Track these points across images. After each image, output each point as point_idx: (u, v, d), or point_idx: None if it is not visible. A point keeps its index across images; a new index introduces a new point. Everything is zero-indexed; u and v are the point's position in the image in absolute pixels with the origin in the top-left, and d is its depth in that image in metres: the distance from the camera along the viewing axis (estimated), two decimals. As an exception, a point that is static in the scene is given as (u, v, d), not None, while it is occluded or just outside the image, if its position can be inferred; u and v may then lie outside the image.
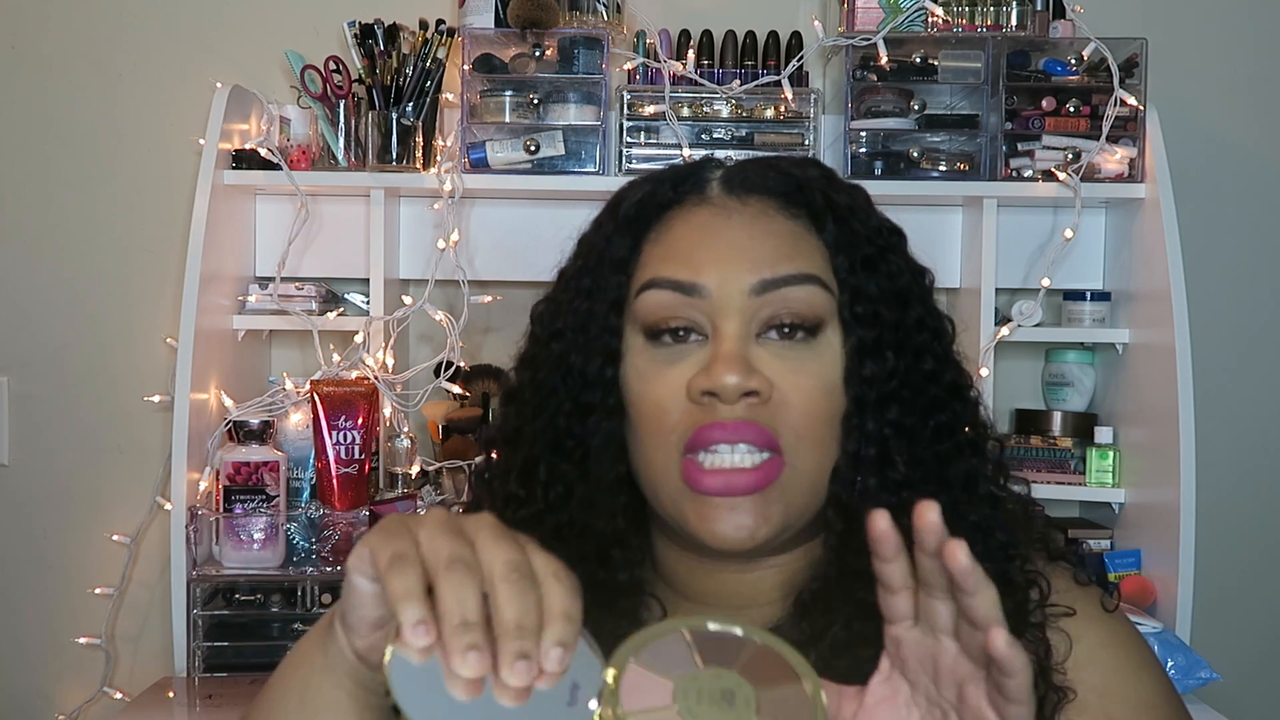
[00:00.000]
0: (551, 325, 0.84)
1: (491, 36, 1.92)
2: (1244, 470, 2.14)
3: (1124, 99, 1.88)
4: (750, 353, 0.77)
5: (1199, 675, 1.68)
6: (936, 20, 1.90)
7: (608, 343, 0.81)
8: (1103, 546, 1.97)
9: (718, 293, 0.78)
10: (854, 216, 0.83)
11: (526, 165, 1.90)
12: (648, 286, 0.80)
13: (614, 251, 0.82)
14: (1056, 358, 2.09)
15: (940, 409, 0.81)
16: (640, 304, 0.80)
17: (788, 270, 0.79)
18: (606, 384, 0.81)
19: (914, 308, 0.82)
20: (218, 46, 2.08)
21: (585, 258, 0.85)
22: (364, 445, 1.81)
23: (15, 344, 2.10)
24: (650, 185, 0.85)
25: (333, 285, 2.02)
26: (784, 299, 0.78)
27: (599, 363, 0.81)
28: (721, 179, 0.84)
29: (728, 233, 0.81)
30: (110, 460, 2.08)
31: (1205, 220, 2.10)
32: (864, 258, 0.81)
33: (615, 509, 0.81)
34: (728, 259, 0.79)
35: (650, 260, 0.82)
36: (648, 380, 0.79)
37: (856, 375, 0.79)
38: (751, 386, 0.75)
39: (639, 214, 0.83)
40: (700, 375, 0.77)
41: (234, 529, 1.75)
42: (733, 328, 0.78)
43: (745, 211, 0.82)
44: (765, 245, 0.80)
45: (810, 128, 1.92)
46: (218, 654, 1.74)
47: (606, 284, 0.82)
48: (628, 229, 0.83)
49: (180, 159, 2.05)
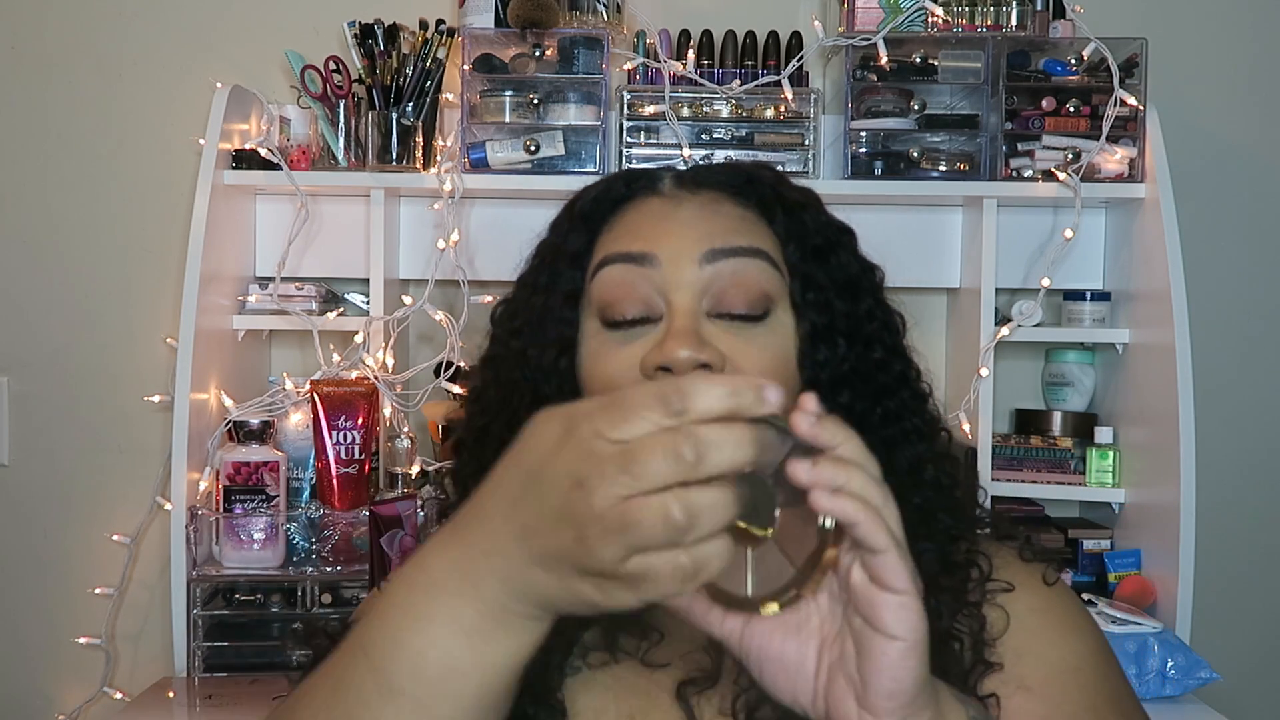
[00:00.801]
0: (510, 324, 0.87)
1: (491, 36, 1.92)
2: (1244, 470, 2.14)
3: (1124, 99, 1.88)
4: (702, 328, 0.79)
5: (1199, 675, 1.68)
6: (936, 20, 1.90)
7: (562, 332, 0.83)
8: (1103, 546, 1.97)
9: (668, 263, 0.80)
10: (804, 211, 0.85)
11: (526, 165, 1.90)
12: (601, 265, 0.82)
13: (569, 246, 0.85)
14: (1056, 358, 2.09)
15: (888, 396, 0.84)
16: (595, 285, 0.82)
17: (737, 243, 0.81)
18: (561, 373, 0.83)
19: (864, 299, 0.85)
20: (218, 46, 2.08)
21: (541, 255, 0.88)
22: (364, 445, 1.81)
23: (15, 344, 2.10)
24: (605, 184, 0.88)
25: (333, 285, 2.02)
26: (734, 271, 0.80)
27: (554, 353, 0.83)
28: (674, 176, 0.87)
29: (679, 213, 0.83)
30: (110, 460, 2.08)
31: (1205, 220, 2.10)
32: (814, 247, 0.84)
33: None
34: (677, 232, 0.81)
35: (603, 245, 0.84)
36: (600, 360, 0.81)
37: (810, 359, 0.82)
38: (703, 359, 0.77)
39: (594, 209, 0.86)
40: (654, 351, 0.78)
41: (234, 529, 1.75)
42: (684, 301, 0.79)
43: (696, 198, 0.85)
44: (715, 222, 0.82)
45: (810, 128, 1.92)
46: (218, 654, 1.74)
47: (561, 277, 0.84)
48: (583, 224, 0.85)
49: (180, 159, 2.05)
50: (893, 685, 0.59)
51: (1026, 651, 0.81)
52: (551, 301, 0.84)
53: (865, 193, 1.92)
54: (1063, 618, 0.84)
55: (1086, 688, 0.80)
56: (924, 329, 2.13)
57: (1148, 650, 1.69)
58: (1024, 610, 0.83)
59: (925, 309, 2.12)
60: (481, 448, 0.86)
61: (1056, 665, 0.81)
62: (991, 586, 0.83)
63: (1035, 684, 0.80)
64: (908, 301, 0.92)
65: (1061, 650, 0.82)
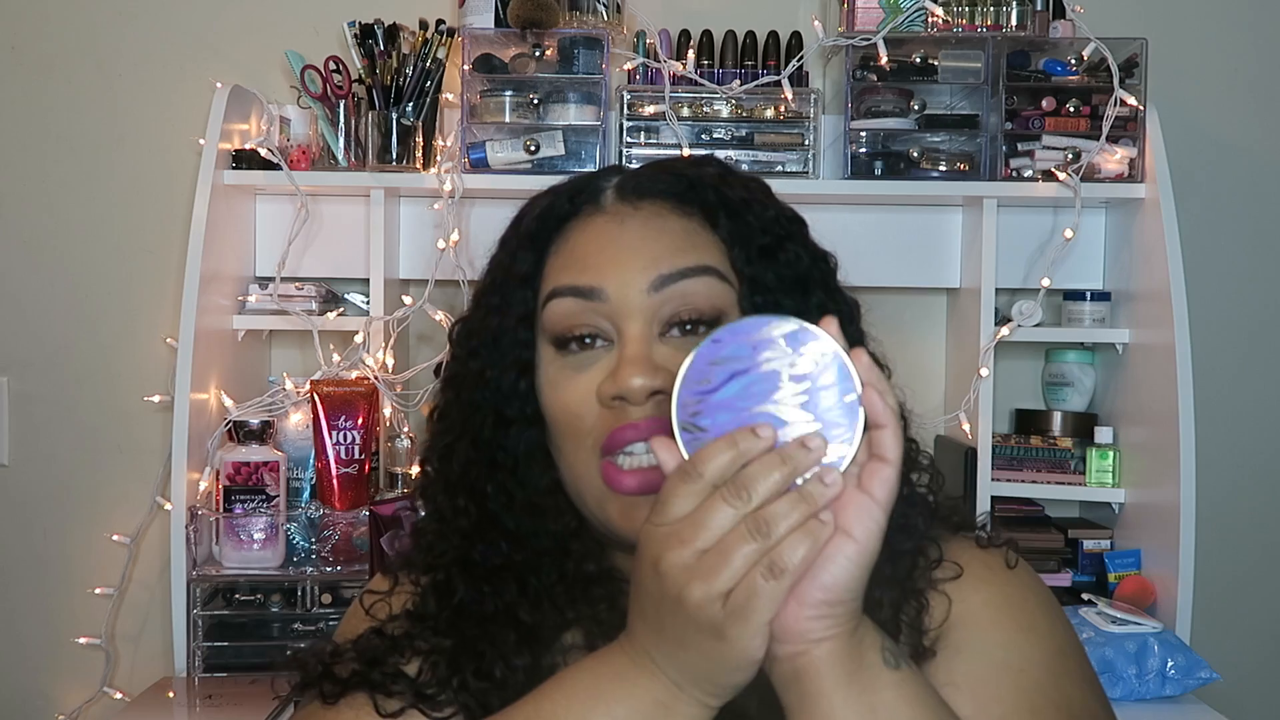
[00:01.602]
0: (468, 343, 0.87)
1: (491, 36, 1.92)
2: (1244, 470, 2.14)
3: (1124, 99, 1.88)
4: (654, 352, 0.79)
5: (1199, 675, 1.68)
6: (936, 20, 1.90)
7: (519, 355, 0.83)
8: (1103, 546, 1.97)
9: (617, 295, 0.80)
10: (748, 210, 0.85)
11: (526, 165, 1.90)
12: (551, 296, 0.82)
13: (518, 267, 0.85)
14: (1056, 358, 2.09)
15: None
16: (547, 315, 0.82)
17: (683, 264, 0.81)
18: (522, 395, 0.83)
19: (815, 293, 0.84)
20: (218, 46, 2.08)
21: (494, 274, 0.88)
22: (364, 445, 1.81)
23: (15, 344, 2.10)
24: (549, 199, 0.87)
25: (333, 285, 2.02)
26: (682, 293, 0.80)
27: (513, 375, 0.83)
28: (615, 186, 0.87)
29: (623, 238, 0.83)
30: (110, 460, 2.08)
31: (1205, 220, 2.10)
32: (760, 248, 0.83)
33: (560, 507, 0.84)
34: (624, 261, 0.81)
35: (552, 271, 0.84)
36: (559, 389, 0.81)
37: None
38: (657, 385, 0.77)
39: (539, 228, 0.86)
40: (607, 381, 0.79)
41: (234, 529, 1.75)
42: (635, 329, 0.80)
43: (638, 215, 0.84)
44: (659, 243, 0.82)
45: (810, 128, 1.92)
46: (218, 654, 1.74)
47: (513, 298, 0.84)
48: (530, 243, 0.85)
49: (180, 159, 2.05)
50: (830, 580, 0.63)
51: (965, 646, 0.80)
52: (506, 323, 0.84)
53: (865, 193, 1.92)
54: (1017, 615, 0.82)
55: (1027, 690, 0.78)
56: (924, 329, 2.13)
57: (1148, 650, 1.69)
58: (978, 603, 0.82)
59: (925, 309, 2.12)
60: (448, 465, 0.86)
61: (997, 663, 0.79)
62: (939, 574, 0.82)
63: (964, 682, 0.78)
64: (908, 301, 0.91)
65: (1006, 650, 0.79)
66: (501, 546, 0.83)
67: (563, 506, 0.84)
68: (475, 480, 0.84)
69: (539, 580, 0.82)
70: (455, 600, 0.83)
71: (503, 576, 0.83)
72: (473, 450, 0.85)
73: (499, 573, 0.83)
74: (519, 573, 0.83)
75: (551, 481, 0.84)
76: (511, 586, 0.82)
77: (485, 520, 0.84)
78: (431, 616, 0.84)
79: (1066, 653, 0.82)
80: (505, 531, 0.83)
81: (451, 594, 0.84)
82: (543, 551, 0.83)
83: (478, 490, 0.84)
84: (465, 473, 0.85)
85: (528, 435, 0.83)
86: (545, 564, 0.82)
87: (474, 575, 0.83)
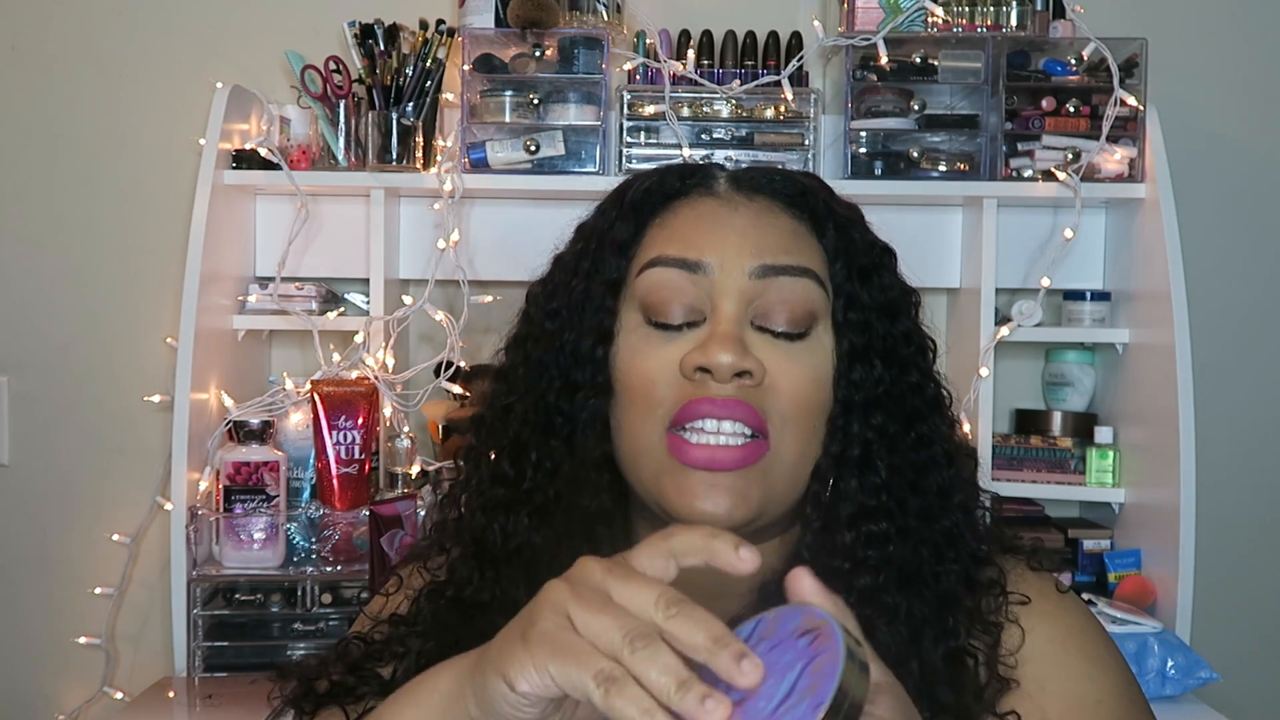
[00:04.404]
0: (547, 305, 0.86)
1: (491, 36, 1.92)
2: (1244, 470, 2.14)
3: (1124, 99, 1.88)
4: (745, 336, 0.79)
5: (1199, 675, 1.68)
6: (936, 20, 1.90)
7: (601, 321, 0.83)
8: (1103, 546, 1.97)
9: (719, 272, 0.80)
10: (853, 227, 0.86)
11: (526, 165, 1.90)
12: (651, 264, 0.82)
13: (616, 234, 0.85)
14: (1056, 358, 2.09)
15: (921, 420, 0.84)
16: (641, 282, 0.82)
17: (788, 260, 0.81)
18: (597, 362, 0.82)
19: (902, 322, 0.86)
20: (218, 46, 2.08)
21: (586, 241, 0.87)
22: (364, 445, 1.81)
23: (16, 344, 2.10)
24: (658, 176, 0.87)
25: (333, 285, 2.02)
26: (781, 288, 0.80)
27: (591, 341, 0.82)
28: (729, 177, 0.87)
29: (734, 221, 0.83)
30: (110, 460, 2.09)
31: (1205, 220, 2.10)
32: (860, 267, 0.84)
33: (600, 486, 0.83)
34: (731, 242, 0.82)
35: (654, 242, 0.84)
36: (640, 355, 0.81)
37: (845, 378, 0.82)
38: (745, 366, 0.77)
39: (645, 200, 0.86)
40: (695, 352, 0.78)
41: (234, 529, 1.75)
42: (731, 309, 0.80)
43: (751, 206, 0.84)
44: (769, 235, 0.82)
45: (810, 128, 1.92)
46: (218, 654, 1.74)
47: (605, 265, 0.84)
48: (633, 214, 0.85)
49: (180, 159, 2.05)
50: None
51: (1048, 680, 0.81)
52: (593, 288, 0.83)
53: (865, 193, 1.92)
54: (1083, 648, 0.83)
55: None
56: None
57: (1148, 650, 1.69)
58: (1043, 641, 0.82)
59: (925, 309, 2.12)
60: (503, 426, 0.85)
61: (1078, 699, 0.80)
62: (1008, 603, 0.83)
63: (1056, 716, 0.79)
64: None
65: (1084, 684, 0.81)
66: (525, 522, 0.82)
67: (602, 485, 0.83)
68: (526, 443, 0.84)
69: (549, 569, 0.82)
70: (450, 593, 0.84)
71: (513, 562, 0.82)
72: (533, 413, 0.84)
73: (511, 557, 0.82)
74: (531, 557, 0.82)
75: (602, 455, 0.83)
76: (519, 574, 0.82)
77: (518, 490, 0.83)
78: (416, 620, 0.84)
79: (1131, 682, 0.84)
80: (535, 506, 0.82)
81: (451, 584, 0.84)
82: (565, 533, 0.82)
83: (524, 455, 0.84)
84: (518, 435, 0.84)
85: (593, 404, 0.82)
86: (563, 549, 0.81)
87: (483, 559, 0.83)
